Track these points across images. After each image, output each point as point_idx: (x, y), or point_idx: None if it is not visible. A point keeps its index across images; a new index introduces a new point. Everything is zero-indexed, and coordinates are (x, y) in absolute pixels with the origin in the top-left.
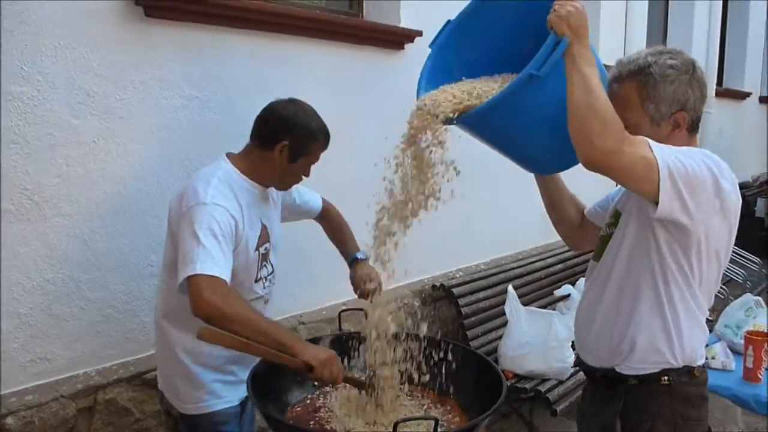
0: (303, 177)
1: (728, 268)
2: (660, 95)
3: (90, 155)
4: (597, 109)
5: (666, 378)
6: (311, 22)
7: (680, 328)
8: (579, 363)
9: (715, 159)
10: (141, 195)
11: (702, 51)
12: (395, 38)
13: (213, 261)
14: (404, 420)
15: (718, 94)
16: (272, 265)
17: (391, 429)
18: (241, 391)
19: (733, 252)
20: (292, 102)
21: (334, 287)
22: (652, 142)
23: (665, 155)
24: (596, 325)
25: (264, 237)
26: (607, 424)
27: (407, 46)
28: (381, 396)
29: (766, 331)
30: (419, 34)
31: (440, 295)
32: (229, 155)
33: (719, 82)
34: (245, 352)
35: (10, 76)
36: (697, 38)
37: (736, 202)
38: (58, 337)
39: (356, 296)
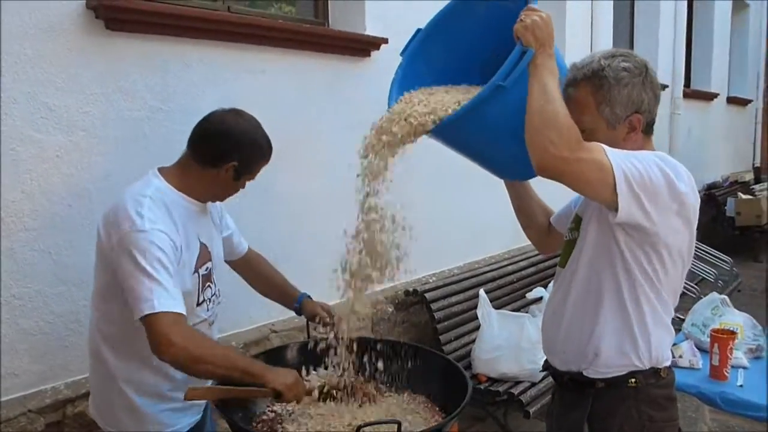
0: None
1: (700, 267)
2: (615, 98)
3: (54, 169)
4: (552, 116)
5: (633, 380)
6: (275, 32)
7: (645, 330)
8: (547, 367)
9: (669, 161)
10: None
11: (668, 52)
12: (361, 46)
13: (169, 295)
14: (367, 424)
15: (686, 95)
16: (215, 285)
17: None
18: (190, 416)
19: (704, 251)
20: (238, 115)
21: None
22: (607, 148)
23: (620, 160)
24: (562, 329)
25: (204, 256)
26: (575, 428)
27: (373, 53)
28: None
29: (731, 329)
30: (385, 41)
31: (413, 300)
32: (161, 170)
33: (687, 84)
34: (226, 398)
35: None
36: (663, 40)
37: (693, 202)
38: (26, 351)
39: (319, 329)
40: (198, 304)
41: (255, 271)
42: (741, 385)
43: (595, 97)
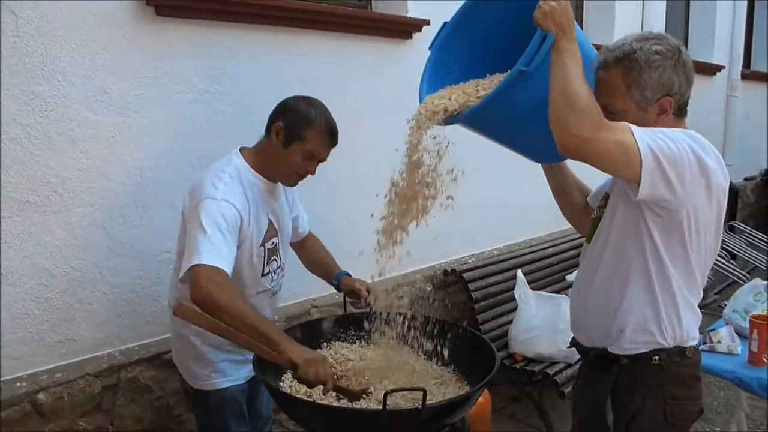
0: (307, 172)
1: (752, 255)
2: (645, 81)
3: (108, 149)
4: (574, 97)
5: (657, 358)
6: (319, 15)
7: (670, 309)
8: (574, 343)
9: (698, 139)
10: (157, 185)
11: (726, 32)
12: (403, 28)
13: (217, 252)
14: (394, 390)
15: (744, 77)
16: (281, 259)
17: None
18: (248, 370)
19: (758, 238)
20: (303, 97)
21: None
22: (633, 127)
23: (647, 137)
24: (588, 306)
25: (271, 232)
26: (599, 402)
27: (415, 35)
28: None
29: None
30: (426, 23)
31: (452, 280)
32: (242, 150)
33: (746, 65)
34: (225, 338)
35: (31, 77)
36: (720, 18)
37: (722, 181)
38: (83, 319)
39: (359, 306)
40: (263, 275)
41: (308, 250)
42: None
43: (626, 80)
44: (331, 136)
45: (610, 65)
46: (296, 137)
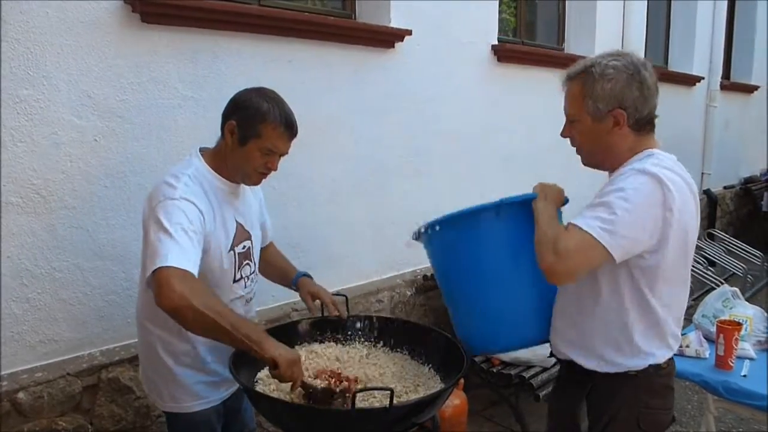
0: (269, 169)
1: (730, 262)
2: (598, 92)
3: (92, 152)
4: (539, 239)
5: (633, 371)
6: (303, 24)
7: (641, 338)
8: (553, 351)
9: (662, 177)
10: (140, 189)
11: (706, 44)
12: (386, 38)
13: (182, 253)
14: (361, 390)
15: (724, 87)
16: (254, 264)
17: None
18: (224, 390)
19: (736, 246)
20: (254, 89)
21: (325, 277)
22: (583, 222)
23: (596, 222)
24: (562, 321)
25: (241, 235)
26: (573, 408)
27: (397, 44)
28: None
29: (739, 321)
30: (409, 33)
31: (432, 285)
32: (202, 150)
33: (726, 76)
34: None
35: (17, 81)
36: (701, 31)
37: (687, 218)
38: (64, 320)
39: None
40: (235, 281)
41: (265, 257)
42: (744, 375)
43: (582, 91)
44: (288, 127)
45: (573, 78)
46: (251, 134)
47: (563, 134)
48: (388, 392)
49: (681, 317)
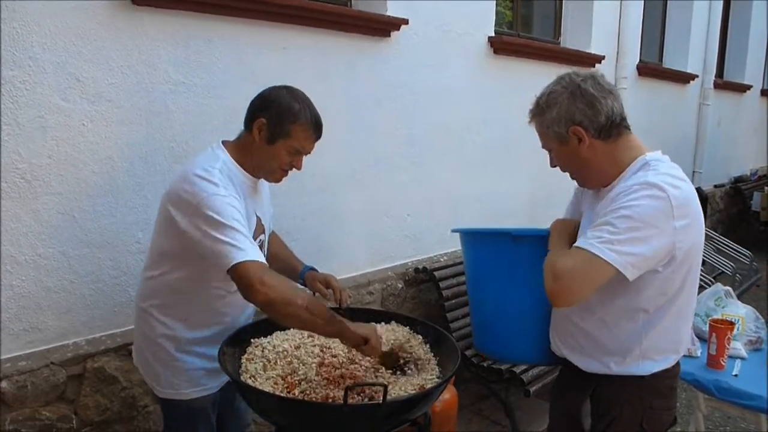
0: (293, 168)
1: (719, 260)
2: (550, 120)
3: (79, 137)
4: (545, 268)
5: (640, 374)
6: (298, 10)
7: (653, 348)
8: (555, 349)
9: (666, 193)
10: (128, 175)
11: (701, 43)
12: (382, 26)
13: (255, 248)
14: (355, 386)
15: (717, 86)
16: (266, 256)
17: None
18: (222, 377)
19: (725, 244)
20: (284, 87)
21: (316, 267)
22: (586, 243)
23: (599, 242)
24: (564, 324)
25: (259, 229)
26: (576, 405)
27: (393, 33)
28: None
29: (731, 320)
30: (405, 22)
31: (423, 278)
32: (224, 143)
33: (719, 74)
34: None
35: (1, 61)
36: (695, 30)
37: (693, 233)
38: (49, 308)
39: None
40: None
41: (277, 245)
42: (736, 375)
43: (542, 124)
44: (316, 129)
45: (532, 118)
46: (281, 133)
47: (551, 165)
48: (381, 388)
49: (692, 319)
